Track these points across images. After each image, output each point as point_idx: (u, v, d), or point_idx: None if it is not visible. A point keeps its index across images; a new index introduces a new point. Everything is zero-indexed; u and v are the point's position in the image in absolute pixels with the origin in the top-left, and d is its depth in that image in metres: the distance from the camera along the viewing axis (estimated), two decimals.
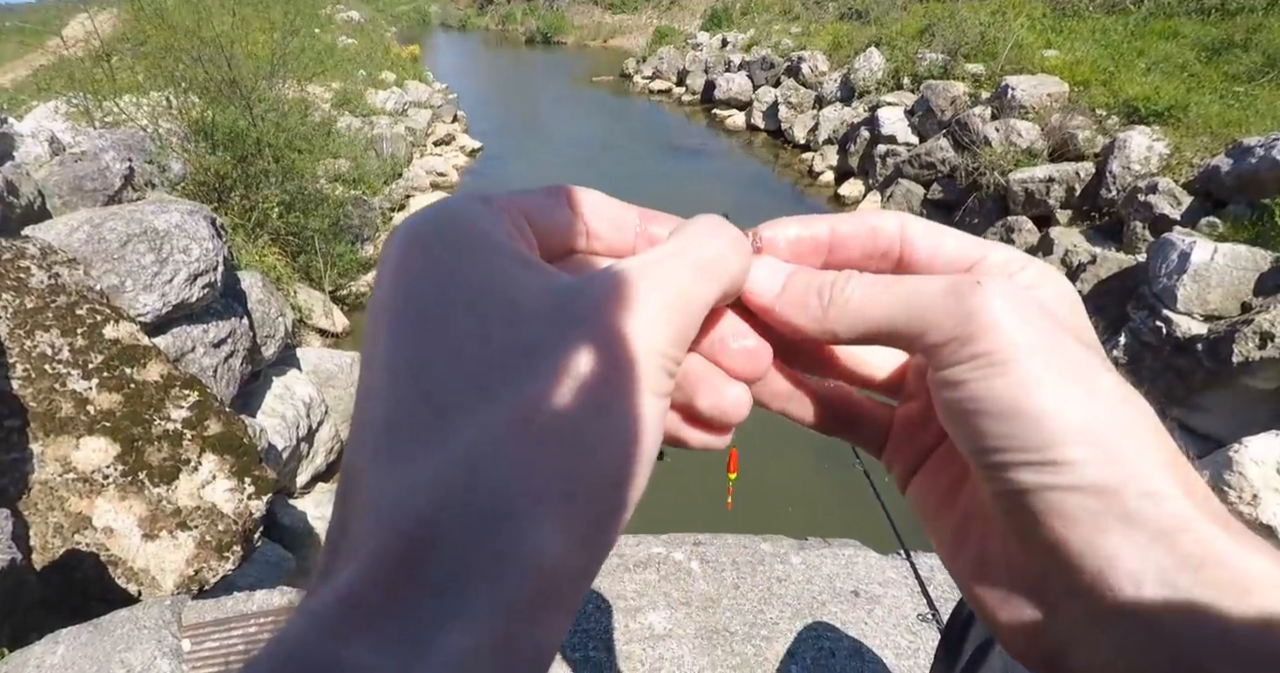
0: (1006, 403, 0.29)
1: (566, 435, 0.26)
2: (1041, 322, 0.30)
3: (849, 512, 3.94)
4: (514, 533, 0.24)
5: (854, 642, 1.98)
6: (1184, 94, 9.02)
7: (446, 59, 24.79)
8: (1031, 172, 9.13)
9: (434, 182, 12.25)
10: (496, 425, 0.26)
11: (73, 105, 7.82)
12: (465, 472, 0.25)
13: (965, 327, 0.30)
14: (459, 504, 0.24)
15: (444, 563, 0.24)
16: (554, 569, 0.25)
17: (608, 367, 0.27)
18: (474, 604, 0.23)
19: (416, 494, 0.25)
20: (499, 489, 0.25)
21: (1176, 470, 0.28)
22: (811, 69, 14.75)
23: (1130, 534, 0.27)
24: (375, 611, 0.23)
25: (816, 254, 0.37)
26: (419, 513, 0.24)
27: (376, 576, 0.23)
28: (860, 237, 0.36)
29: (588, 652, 1.95)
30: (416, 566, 0.23)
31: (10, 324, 3.79)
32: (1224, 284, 6.38)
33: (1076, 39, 11.60)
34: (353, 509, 0.26)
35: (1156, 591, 0.27)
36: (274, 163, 7.68)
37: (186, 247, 4.96)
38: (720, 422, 0.35)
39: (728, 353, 0.35)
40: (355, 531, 0.25)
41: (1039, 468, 0.28)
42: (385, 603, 0.23)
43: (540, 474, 0.25)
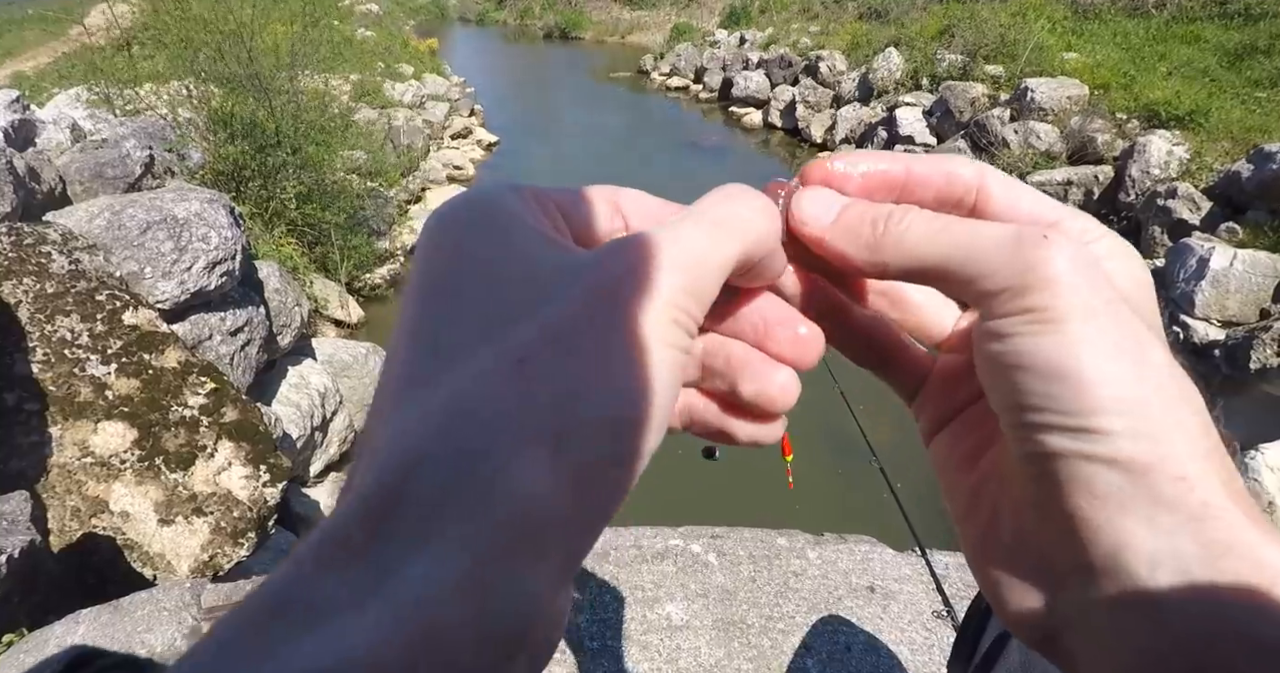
0: (1052, 362, 0.28)
1: (560, 378, 0.26)
2: (1104, 287, 0.28)
3: (865, 508, 3.94)
4: (492, 470, 0.24)
5: (869, 637, 1.98)
6: (1205, 99, 8.97)
7: (464, 53, 24.79)
8: (1050, 174, 9.10)
9: (450, 175, 12.26)
10: (488, 366, 0.26)
11: (94, 93, 7.86)
12: (451, 411, 0.25)
13: (1023, 278, 0.28)
14: (441, 442, 0.24)
15: (422, 500, 0.23)
16: (533, 510, 0.24)
17: (612, 314, 0.27)
18: (443, 539, 0.23)
19: (406, 435, 0.25)
20: (482, 426, 0.24)
21: (1214, 460, 0.27)
22: (830, 68, 14.71)
23: (1155, 516, 0.26)
24: (355, 547, 0.23)
25: (888, 191, 0.35)
26: (404, 453, 0.24)
27: (360, 514, 0.23)
28: (936, 180, 0.35)
29: (605, 641, 1.95)
30: (398, 503, 0.23)
31: (31, 309, 3.81)
32: (1243, 290, 6.35)
33: (1097, 42, 11.55)
34: (359, 459, 0.26)
35: (1171, 576, 0.26)
36: (292, 154, 7.71)
37: (205, 235, 4.99)
38: (766, 409, 0.34)
39: (775, 339, 0.34)
40: (356, 478, 0.25)
41: (1074, 434, 0.27)
42: (365, 540, 0.23)
43: (528, 414, 0.25)
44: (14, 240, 3.93)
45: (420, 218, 10.42)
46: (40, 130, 6.78)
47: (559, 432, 0.25)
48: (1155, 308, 0.31)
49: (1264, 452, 5.15)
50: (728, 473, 1.83)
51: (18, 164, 4.80)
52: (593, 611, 2.04)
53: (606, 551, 2.24)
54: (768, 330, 0.34)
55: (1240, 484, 0.28)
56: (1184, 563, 0.26)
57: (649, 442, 0.27)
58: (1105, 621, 0.28)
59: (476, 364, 0.26)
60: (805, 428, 5.49)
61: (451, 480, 0.23)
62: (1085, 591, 0.28)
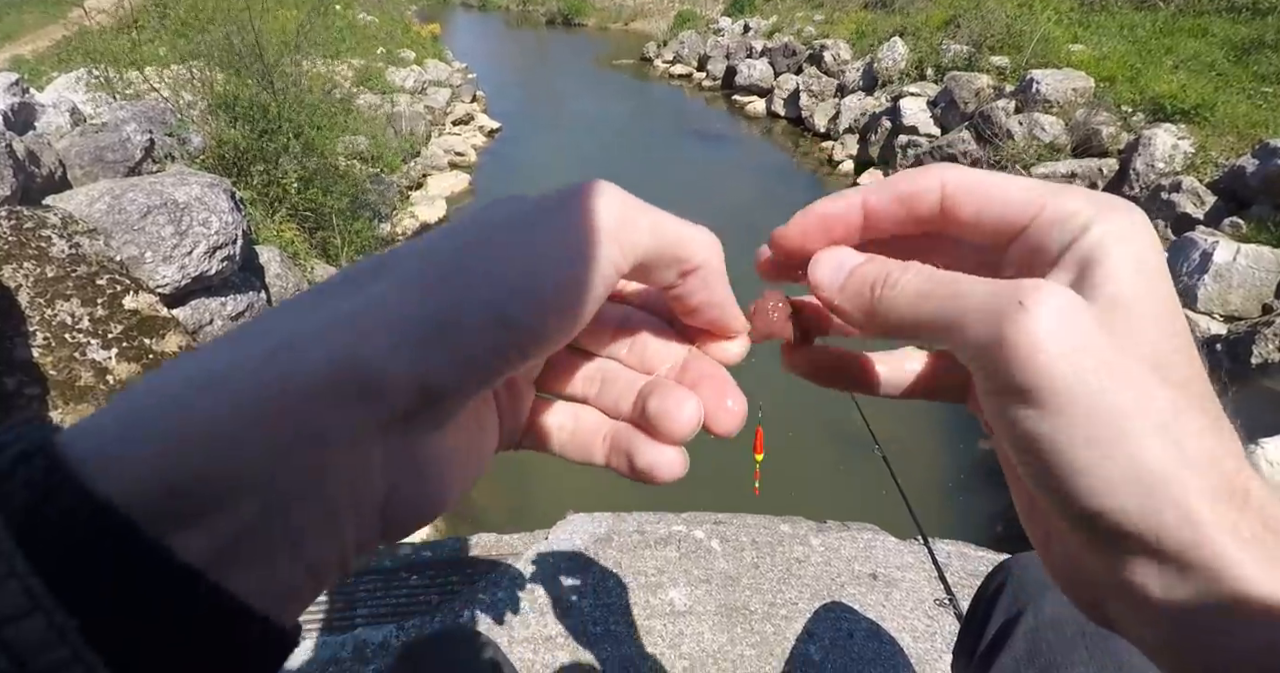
0: (1043, 446, 0.28)
1: (456, 276, 0.28)
2: (1094, 352, 0.28)
3: (868, 497, 3.94)
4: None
5: (872, 624, 1.98)
6: (1211, 93, 8.94)
7: (466, 38, 24.71)
8: (1054, 166, 9.07)
9: (452, 161, 12.22)
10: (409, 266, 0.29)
11: (94, 76, 7.83)
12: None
13: (1003, 356, 0.28)
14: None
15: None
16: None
17: (529, 226, 0.30)
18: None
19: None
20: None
21: (1221, 504, 0.27)
22: (834, 57, 14.65)
23: (1163, 571, 0.28)
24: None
25: (850, 234, 0.36)
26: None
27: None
28: (893, 211, 0.35)
29: (609, 626, 1.95)
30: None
31: (31, 293, 3.80)
32: (1245, 285, 6.35)
33: (1104, 34, 11.50)
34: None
35: (1183, 614, 0.28)
36: (294, 138, 7.69)
37: (206, 219, 4.97)
38: (666, 428, 0.35)
39: (702, 392, 0.36)
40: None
41: (1075, 506, 0.28)
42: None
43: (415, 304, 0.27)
44: (14, 224, 3.92)
45: (422, 204, 10.41)
46: (40, 114, 6.75)
47: (441, 322, 0.27)
48: (1168, 309, 0.30)
49: (1264, 446, 5.15)
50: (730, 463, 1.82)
51: (17, 148, 4.78)
52: (595, 596, 2.04)
53: (609, 536, 2.24)
54: (698, 382, 0.36)
55: (1256, 502, 0.28)
56: (1190, 604, 0.28)
57: (538, 345, 0.29)
58: (1142, 629, 0.31)
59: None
60: (808, 418, 5.49)
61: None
62: (1124, 608, 0.31)
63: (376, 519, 0.29)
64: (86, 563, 0.21)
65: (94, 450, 0.23)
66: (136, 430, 0.23)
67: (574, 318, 0.30)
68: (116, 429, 0.24)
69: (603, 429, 0.38)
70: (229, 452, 0.23)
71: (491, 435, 0.37)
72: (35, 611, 0.20)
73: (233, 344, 0.26)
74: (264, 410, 0.24)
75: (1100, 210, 0.30)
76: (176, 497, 0.23)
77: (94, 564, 0.21)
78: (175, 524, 0.23)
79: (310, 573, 0.27)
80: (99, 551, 0.21)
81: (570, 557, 2.16)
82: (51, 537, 0.21)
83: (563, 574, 2.11)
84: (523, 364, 0.29)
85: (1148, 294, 0.29)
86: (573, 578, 2.10)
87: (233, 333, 0.27)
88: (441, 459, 0.31)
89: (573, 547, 2.20)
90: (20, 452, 0.22)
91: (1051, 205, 0.31)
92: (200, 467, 0.23)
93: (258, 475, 0.24)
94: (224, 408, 0.24)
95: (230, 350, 0.26)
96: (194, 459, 0.23)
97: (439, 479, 0.31)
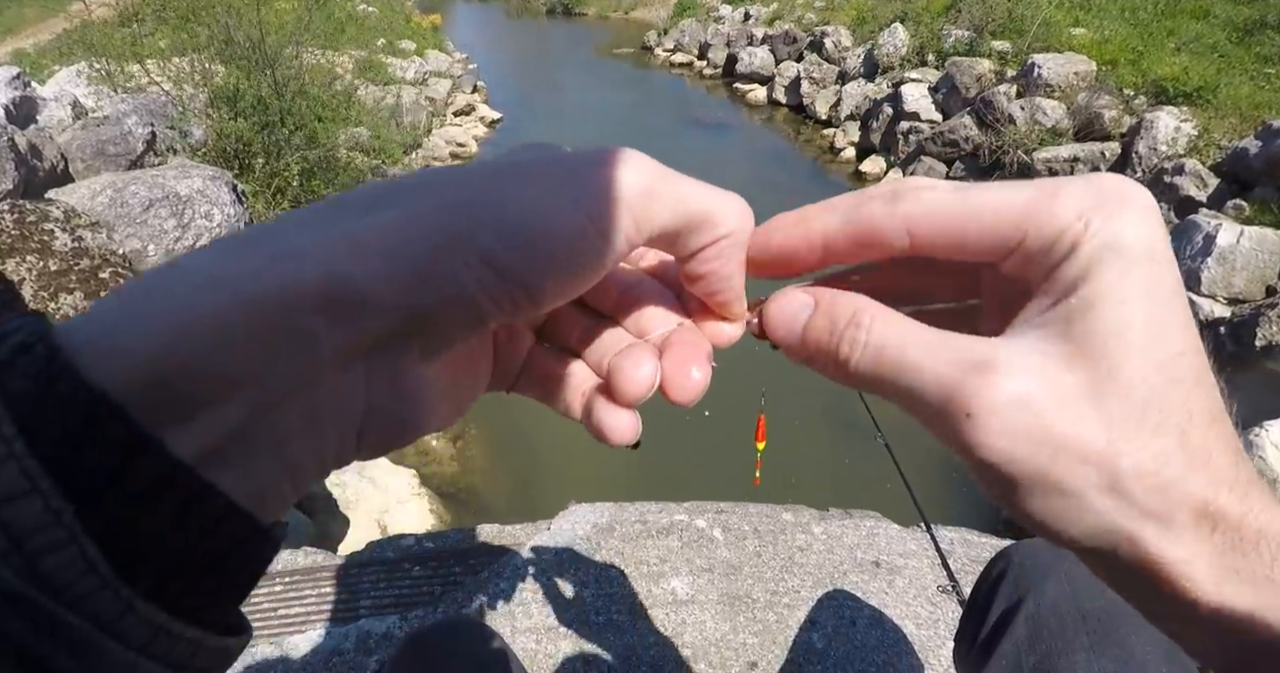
0: (1014, 512, 0.30)
1: (463, 213, 0.28)
2: (1047, 438, 0.28)
3: (870, 485, 3.95)
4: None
5: (875, 611, 1.98)
6: (1214, 75, 8.89)
7: (467, 29, 24.62)
8: (1056, 151, 9.04)
9: (453, 152, 12.22)
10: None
11: (95, 70, 7.82)
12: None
13: (961, 444, 0.29)
14: None
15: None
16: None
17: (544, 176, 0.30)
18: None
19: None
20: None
21: (1203, 547, 0.28)
22: (835, 44, 14.59)
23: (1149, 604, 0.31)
24: None
25: (810, 262, 0.36)
26: None
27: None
28: (854, 251, 0.34)
29: (611, 616, 1.96)
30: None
31: (34, 286, 3.81)
32: (1249, 267, 6.33)
33: (1105, 17, 11.43)
34: None
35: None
36: (296, 130, 7.68)
37: (208, 212, 4.98)
38: (620, 385, 0.34)
39: (670, 356, 0.35)
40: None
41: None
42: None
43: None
44: (16, 218, 3.92)
45: None
46: (42, 107, 6.75)
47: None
48: (1158, 309, 0.29)
49: (1268, 429, 5.15)
50: (731, 452, 1.83)
51: (19, 141, 4.78)
52: (598, 585, 2.05)
53: (611, 525, 2.24)
54: (669, 346, 0.36)
55: (1234, 518, 0.28)
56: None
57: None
58: None
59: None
60: (810, 405, 5.49)
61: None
62: None
63: (353, 435, 0.29)
64: (82, 449, 0.22)
65: (92, 340, 0.23)
66: (134, 323, 0.24)
67: (573, 285, 0.31)
68: (113, 320, 0.24)
69: (584, 386, 0.38)
70: (224, 349, 0.24)
71: (483, 375, 0.38)
72: (32, 492, 0.21)
73: (236, 249, 0.27)
74: (261, 311, 0.25)
75: (1090, 219, 0.29)
76: (170, 389, 0.23)
77: (90, 451, 0.22)
78: (168, 416, 0.23)
79: (291, 478, 0.27)
80: (94, 439, 0.22)
81: (572, 547, 2.17)
82: (49, 422, 0.22)
83: (565, 564, 2.11)
84: (515, 317, 0.30)
85: (1135, 321, 0.29)
86: (575, 568, 2.10)
87: (238, 236, 0.28)
88: (424, 388, 0.31)
89: (575, 537, 2.20)
90: (21, 342, 0.23)
91: (1034, 231, 0.30)
92: (196, 361, 0.24)
93: (250, 375, 0.25)
94: (223, 306, 0.24)
95: (232, 254, 0.26)
96: (190, 353, 0.24)
97: (418, 407, 0.31)
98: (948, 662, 1.86)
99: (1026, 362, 0.29)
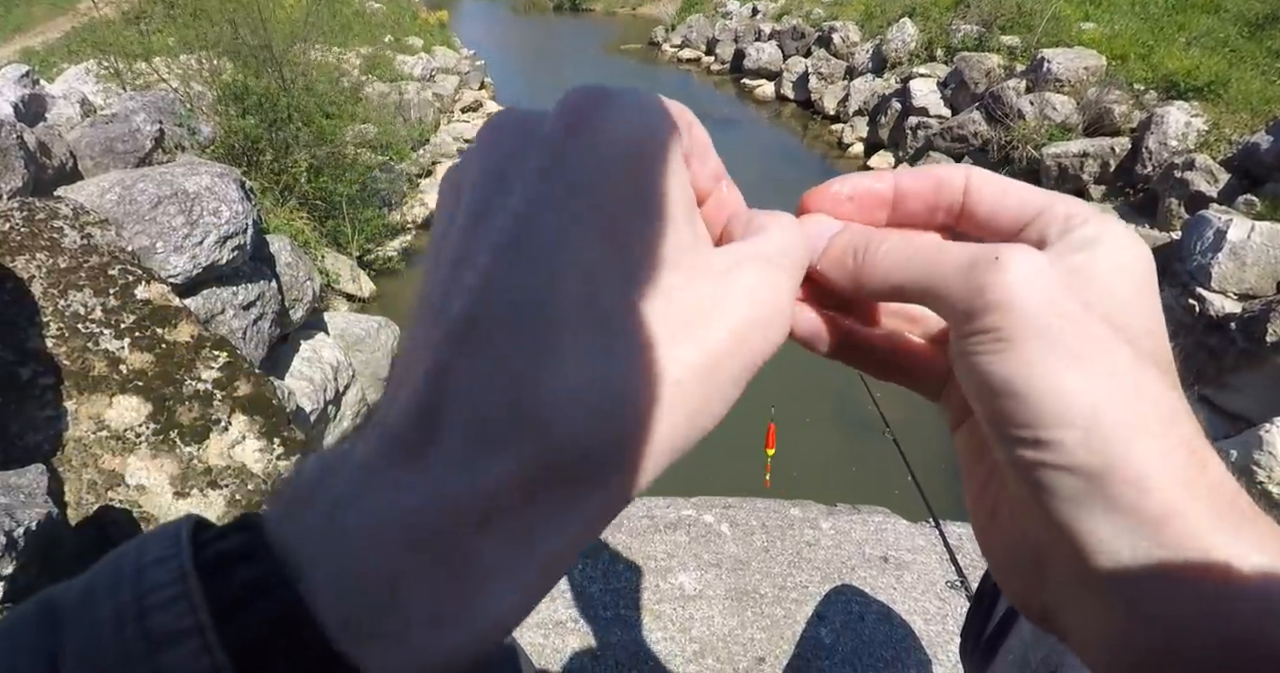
0: (1007, 380, 0.29)
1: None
2: (1056, 301, 0.30)
3: (879, 480, 3.94)
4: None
5: (883, 607, 1.98)
6: (1225, 69, 8.84)
7: (474, 25, 24.63)
8: (1065, 146, 9.00)
9: (461, 148, 12.21)
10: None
11: (104, 67, 7.84)
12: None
13: (975, 301, 0.30)
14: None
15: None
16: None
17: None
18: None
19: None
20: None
21: (1176, 457, 0.28)
22: (843, 39, 14.56)
23: (1111, 518, 0.28)
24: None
25: (881, 208, 0.38)
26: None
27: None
28: (924, 191, 0.37)
29: (619, 610, 1.96)
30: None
31: (44, 284, 3.82)
32: (1260, 263, 6.29)
33: (1115, 12, 11.38)
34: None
35: (1132, 570, 0.28)
36: (304, 127, 7.69)
37: (216, 209, 4.98)
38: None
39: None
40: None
41: (1033, 446, 0.29)
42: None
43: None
44: (26, 215, 3.94)
45: (431, 191, 10.39)
46: (50, 105, 6.78)
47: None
48: (1143, 295, 0.32)
49: (1278, 425, 5.13)
50: (740, 448, 1.84)
51: (28, 139, 4.80)
52: (605, 580, 2.05)
53: (619, 520, 2.24)
54: None
55: (1216, 475, 0.29)
56: (1140, 559, 0.28)
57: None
58: (1085, 606, 0.30)
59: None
60: (819, 402, 5.48)
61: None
62: (1066, 577, 0.31)
63: None
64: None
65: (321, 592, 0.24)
66: (348, 579, 0.24)
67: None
68: (331, 572, 0.24)
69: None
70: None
71: None
72: None
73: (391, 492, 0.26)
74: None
75: (1104, 220, 0.32)
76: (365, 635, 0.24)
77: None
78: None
79: None
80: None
81: None
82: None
83: None
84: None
85: (1121, 276, 0.31)
86: (582, 563, 2.10)
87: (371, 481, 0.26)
88: None
89: None
90: (252, 583, 0.23)
91: (1056, 206, 0.33)
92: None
93: None
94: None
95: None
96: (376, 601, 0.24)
97: None
98: (956, 657, 1.85)
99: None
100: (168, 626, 0.22)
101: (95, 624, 0.23)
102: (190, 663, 0.21)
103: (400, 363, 0.29)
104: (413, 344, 0.28)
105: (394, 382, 0.28)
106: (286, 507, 0.26)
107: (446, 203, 0.31)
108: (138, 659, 0.22)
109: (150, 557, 0.24)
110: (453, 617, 0.25)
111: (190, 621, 0.22)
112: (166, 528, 0.26)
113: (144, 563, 0.24)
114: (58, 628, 0.23)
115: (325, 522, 0.25)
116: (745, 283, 0.30)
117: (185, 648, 0.22)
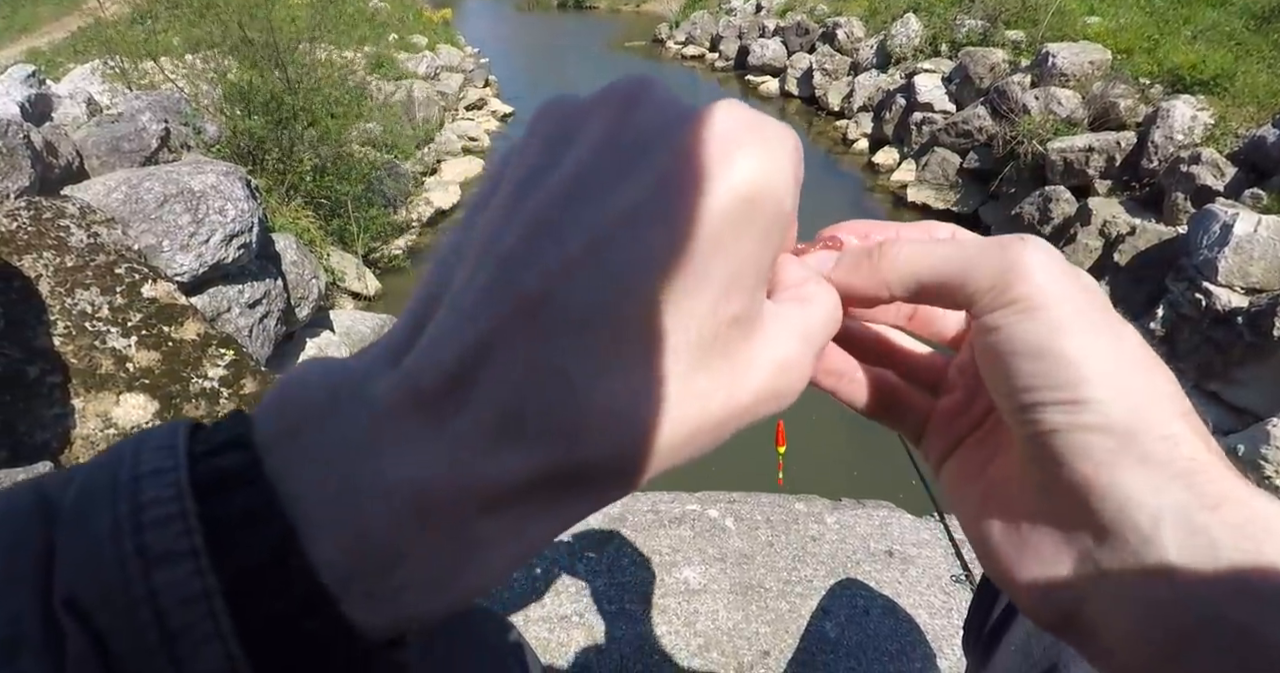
0: (1038, 344, 0.31)
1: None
2: (1075, 278, 0.32)
3: (883, 475, 3.94)
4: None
5: (888, 601, 1.98)
6: (1231, 63, 8.80)
7: (478, 23, 24.63)
8: (1071, 141, 8.98)
9: (465, 146, 12.24)
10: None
11: (109, 67, 7.86)
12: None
13: (1005, 275, 0.32)
14: None
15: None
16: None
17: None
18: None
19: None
20: None
21: (1191, 421, 0.30)
22: (847, 35, 14.53)
23: (1149, 473, 0.29)
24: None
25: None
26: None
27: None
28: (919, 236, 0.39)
29: (623, 605, 1.96)
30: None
31: (51, 282, 3.83)
32: (1267, 257, 6.27)
33: (1120, 5, 11.33)
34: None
35: (1175, 530, 0.28)
36: (309, 126, 7.70)
37: (222, 207, 5.00)
38: None
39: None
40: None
41: (1065, 407, 0.30)
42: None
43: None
44: (33, 214, 3.95)
45: (436, 189, 10.40)
46: (57, 105, 6.80)
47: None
48: (1085, 287, 0.33)
49: None
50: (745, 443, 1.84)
51: (35, 139, 4.82)
52: (610, 575, 2.05)
53: (623, 515, 2.25)
54: None
55: (1215, 443, 0.31)
56: (1184, 513, 0.28)
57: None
58: (1119, 581, 0.30)
59: None
60: (824, 398, 5.47)
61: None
62: (1099, 556, 0.30)
63: None
64: (289, 642, 0.24)
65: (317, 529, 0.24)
66: (347, 523, 0.25)
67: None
68: (333, 512, 0.25)
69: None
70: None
71: None
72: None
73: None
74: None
75: (1008, 243, 0.34)
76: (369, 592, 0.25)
77: (298, 645, 0.24)
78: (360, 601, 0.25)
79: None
80: (304, 631, 0.24)
81: (584, 536, 2.17)
82: (261, 606, 0.23)
83: (577, 554, 2.12)
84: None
85: (1097, 293, 0.33)
86: (587, 557, 2.11)
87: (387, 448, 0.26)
88: None
89: (587, 526, 2.21)
90: (249, 511, 0.24)
91: (971, 266, 0.34)
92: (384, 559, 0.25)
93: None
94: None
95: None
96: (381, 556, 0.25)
97: None
98: (961, 651, 1.85)
99: None
100: (165, 545, 0.23)
101: (91, 533, 0.23)
102: (184, 584, 0.22)
103: (437, 273, 0.28)
104: (460, 262, 0.27)
105: (426, 298, 0.28)
106: (291, 431, 0.26)
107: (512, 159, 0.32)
108: (134, 576, 0.22)
109: (147, 467, 0.24)
110: (445, 584, 0.26)
111: (186, 543, 0.23)
112: (162, 433, 0.26)
113: (141, 471, 0.24)
114: (51, 524, 0.24)
115: (338, 478, 0.25)
116: (782, 353, 0.29)
117: (180, 569, 0.22)
